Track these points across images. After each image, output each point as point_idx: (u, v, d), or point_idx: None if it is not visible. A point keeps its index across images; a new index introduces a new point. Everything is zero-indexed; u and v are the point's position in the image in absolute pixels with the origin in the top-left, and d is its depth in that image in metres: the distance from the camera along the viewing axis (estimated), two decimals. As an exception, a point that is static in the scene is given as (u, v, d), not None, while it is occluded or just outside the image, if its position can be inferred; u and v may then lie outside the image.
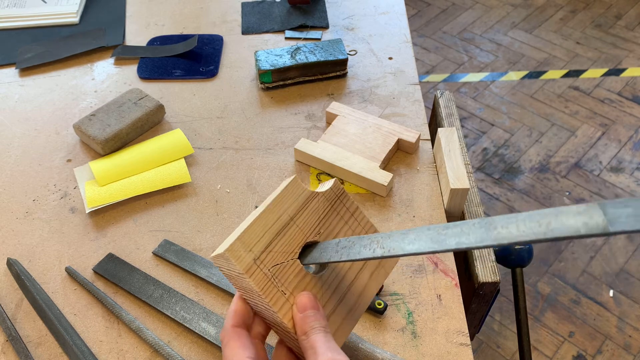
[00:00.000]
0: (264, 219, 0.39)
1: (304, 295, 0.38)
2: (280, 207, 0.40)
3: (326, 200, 0.42)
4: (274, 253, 0.38)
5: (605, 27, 2.33)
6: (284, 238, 0.39)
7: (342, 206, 0.43)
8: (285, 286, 0.38)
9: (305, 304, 0.38)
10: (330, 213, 0.42)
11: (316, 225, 0.41)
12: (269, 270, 0.38)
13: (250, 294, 0.38)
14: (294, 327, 0.37)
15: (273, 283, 0.37)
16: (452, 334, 0.59)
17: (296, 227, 0.40)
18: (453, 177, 0.69)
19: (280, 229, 0.39)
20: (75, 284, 0.65)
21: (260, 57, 0.88)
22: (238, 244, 0.37)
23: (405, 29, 1.01)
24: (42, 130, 0.85)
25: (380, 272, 0.43)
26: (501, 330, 1.44)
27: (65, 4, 1.08)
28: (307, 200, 0.41)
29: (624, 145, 1.86)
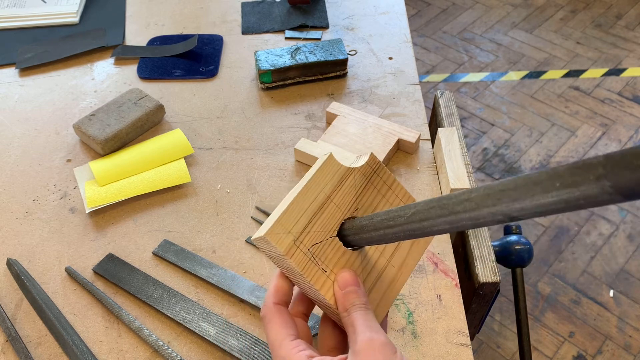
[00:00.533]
0: (301, 200, 0.38)
1: (345, 272, 0.38)
2: (317, 187, 0.39)
3: (362, 175, 0.42)
4: (313, 232, 0.38)
5: (605, 27, 2.33)
6: (322, 217, 0.39)
7: (378, 179, 0.42)
8: (326, 264, 0.38)
9: (346, 280, 0.38)
10: (367, 187, 0.42)
11: (354, 201, 0.41)
12: (309, 250, 0.38)
13: (292, 273, 0.39)
14: (336, 303, 0.38)
15: (313, 262, 0.38)
16: (452, 334, 0.59)
17: (334, 205, 0.40)
18: (453, 177, 0.69)
19: (318, 208, 0.39)
20: (75, 284, 0.65)
21: (260, 57, 0.88)
22: (277, 227, 0.37)
23: (406, 29, 1.01)
24: (42, 130, 0.85)
25: (420, 244, 0.43)
26: (501, 330, 1.44)
27: (65, 3, 1.08)
28: (344, 177, 0.41)
29: (624, 145, 1.86)
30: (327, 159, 0.41)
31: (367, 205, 0.41)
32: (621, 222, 1.65)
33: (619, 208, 1.68)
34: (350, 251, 0.40)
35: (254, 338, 0.59)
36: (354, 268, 0.40)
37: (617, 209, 1.68)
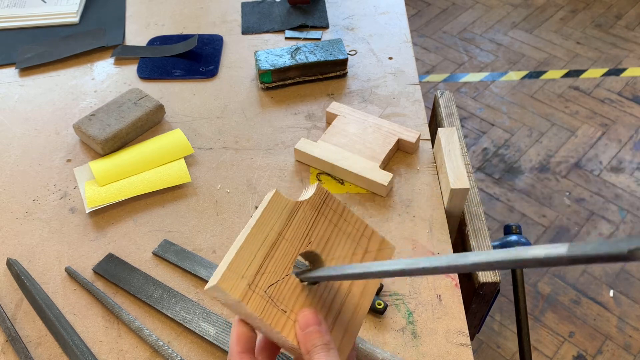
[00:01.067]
0: (251, 242, 0.37)
1: (305, 311, 0.37)
2: (266, 226, 0.38)
3: (312, 207, 0.41)
4: (268, 273, 0.37)
5: (605, 27, 2.33)
6: (275, 256, 0.38)
7: (328, 209, 0.42)
8: (285, 304, 0.37)
9: (307, 320, 0.37)
10: (318, 219, 0.41)
11: (306, 235, 0.40)
12: (265, 292, 0.37)
13: (251, 319, 0.38)
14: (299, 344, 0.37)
15: (272, 304, 0.37)
16: (452, 334, 0.59)
17: (286, 242, 0.39)
18: (453, 177, 0.69)
19: (270, 247, 0.38)
20: (75, 284, 0.65)
21: (260, 57, 0.88)
22: (229, 273, 0.36)
23: (406, 29, 1.01)
24: (42, 130, 0.85)
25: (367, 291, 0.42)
26: (501, 330, 1.44)
27: (65, 3, 1.08)
28: (293, 211, 0.40)
29: (624, 145, 1.86)
30: (273, 196, 0.40)
31: (320, 237, 0.40)
32: (621, 222, 1.65)
33: (619, 208, 1.68)
34: (308, 287, 0.39)
35: (254, 338, 0.59)
36: (315, 304, 0.39)
37: (617, 208, 1.68)
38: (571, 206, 1.69)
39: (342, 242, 0.41)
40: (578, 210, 1.68)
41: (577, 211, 1.68)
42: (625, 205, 1.69)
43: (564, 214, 1.67)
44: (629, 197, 1.71)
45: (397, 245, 0.68)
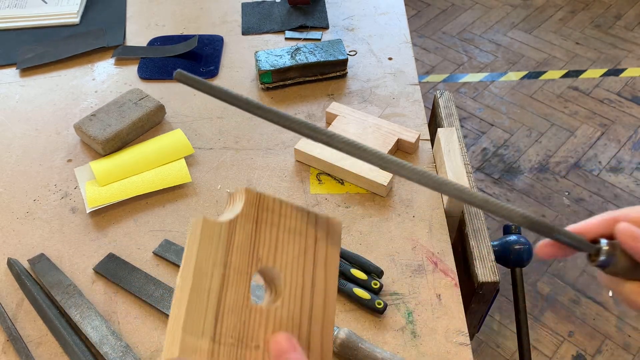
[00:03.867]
0: (197, 291, 0.32)
1: (275, 339, 0.34)
2: (207, 264, 0.33)
3: (247, 218, 0.35)
4: (228, 315, 0.32)
5: (604, 28, 2.33)
6: (229, 293, 0.33)
7: (266, 213, 0.37)
8: (255, 338, 0.33)
9: (279, 348, 0.34)
10: (259, 228, 0.36)
11: (253, 252, 0.35)
12: (232, 337, 0.32)
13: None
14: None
15: (242, 345, 0.33)
16: (452, 334, 0.60)
17: (234, 271, 0.34)
18: (453, 177, 0.69)
19: (220, 286, 0.33)
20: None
21: (261, 58, 0.88)
22: (187, 338, 0.30)
23: (405, 30, 1.01)
24: (42, 130, 0.85)
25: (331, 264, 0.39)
26: (501, 329, 1.44)
27: (65, 4, 1.08)
28: (229, 233, 0.34)
29: (624, 145, 1.86)
30: (202, 227, 0.33)
31: (267, 248, 0.36)
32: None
33: (619, 208, 1.68)
34: (274, 306, 0.35)
35: (254, 337, 0.59)
36: (283, 323, 0.35)
37: (617, 209, 1.68)
38: (570, 206, 1.70)
39: (290, 242, 0.37)
40: (577, 210, 1.68)
41: (576, 211, 1.68)
42: (624, 205, 1.69)
43: (564, 214, 1.68)
44: (628, 197, 1.71)
45: (397, 245, 0.68)
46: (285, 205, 0.38)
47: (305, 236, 0.38)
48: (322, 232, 0.39)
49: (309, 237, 0.38)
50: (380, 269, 0.64)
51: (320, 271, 0.38)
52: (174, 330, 0.31)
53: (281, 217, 0.37)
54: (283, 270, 0.37)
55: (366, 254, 0.67)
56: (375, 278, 0.64)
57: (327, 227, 0.39)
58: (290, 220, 0.38)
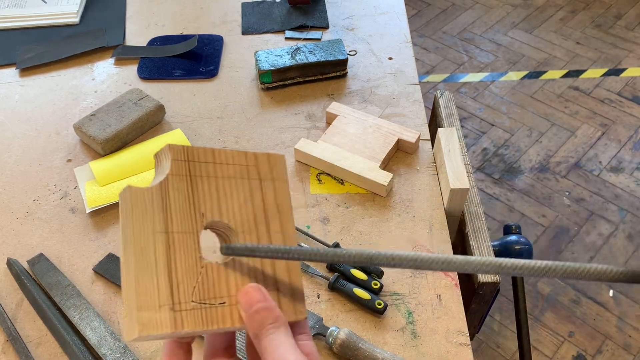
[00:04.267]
0: (142, 264, 0.30)
1: (243, 292, 0.33)
2: (145, 234, 0.31)
3: (179, 176, 0.33)
4: (183, 281, 0.31)
5: (605, 27, 2.33)
6: (177, 258, 0.31)
7: (198, 166, 0.34)
8: (220, 295, 0.32)
9: (249, 299, 0.32)
10: (194, 184, 0.34)
11: (194, 211, 0.33)
12: (193, 301, 0.31)
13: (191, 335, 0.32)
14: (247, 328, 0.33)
15: (207, 306, 0.31)
16: (452, 334, 0.60)
17: (179, 235, 0.32)
18: (453, 177, 0.69)
19: (166, 253, 0.31)
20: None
21: (261, 57, 0.88)
22: (144, 315, 0.29)
23: (405, 29, 1.01)
24: (42, 130, 0.85)
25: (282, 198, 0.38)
26: (501, 330, 1.44)
27: (65, 4, 1.08)
28: (163, 197, 0.32)
29: (624, 145, 1.86)
30: (130, 196, 0.31)
31: (210, 200, 0.34)
32: (621, 222, 1.65)
33: (619, 208, 1.68)
34: (229, 259, 0.34)
35: (254, 338, 0.59)
36: (245, 272, 0.34)
37: (617, 209, 1.68)
38: (571, 206, 1.70)
39: (233, 189, 0.35)
40: (578, 210, 1.68)
41: (576, 211, 1.68)
42: (624, 205, 1.69)
43: (564, 214, 1.68)
44: (628, 197, 1.71)
45: (397, 245, 0.68)
46: (219, 153, 0.35)
47: (248, 179, 0.36)
48: (266, 170, 0.37)
49: (252, 179, 0.36)
50: (381, 269, 0.64)
51: (273, 211, 0.37)
52: (129, 310, 0.29)
53: (217, 166, 0.35)
54: (232, 220, 0.35)
55: (366, 254, 0.67)
56: (376, 278, 0.64)
57: (269, 164, 0.38)
58: (228, 168, 0.35)
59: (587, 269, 0.25)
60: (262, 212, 0.36)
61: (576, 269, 0.25)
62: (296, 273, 0.36)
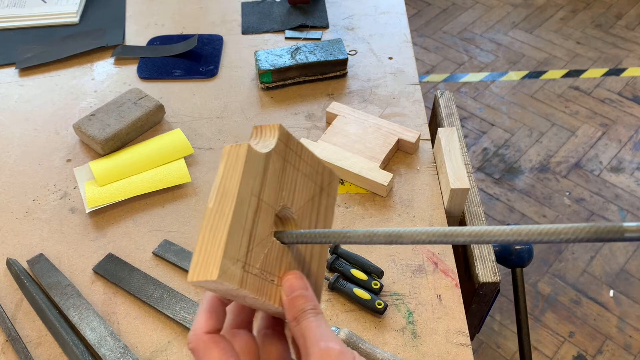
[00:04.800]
0: (237, 217, 0.31)
1: (290, 275, 0.35)
2: (246, 192, 0.32)
3: (278, 155, 0.35)
4: (257, 247, 0.33)
5: (605, 27, 2.33)
6: (259, 225, 0.33)
7: (292, 154, 0.36)
8: (273, 273, 0.34)
9: (292, 285, 0.34)
10: (285, 168, 0.35)
11: (279, 190, 0.35)
12: (257, 268, 0.32)
13: (237, 297, 0.34)
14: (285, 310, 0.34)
15: (264, 278, 0.33)
16: (452, 334, 0.59)
17: (265, 205, 0.33)
18: (453, 177, 0.69)
19: (253, 217, 0.32)
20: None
21: (260, 57, 0.88)
22: (226, 263, 0.30)
23: (406, 29, 1.01)
24: (41, 130, 0.85)
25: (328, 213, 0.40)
26: (501, 330, 1.44)
27: (65, 3, 1.08)
28: (265, 167, 0.34)
29: (625, 145, 1.86)
30: (247, 155, 0.32)
31: (289, 187, 0.36)
32: (621, 222, 1.65)
33: (619, 208, 1.68)
34: (286, 247, 0.35)
35: (254, 338, 0.59)
36: (293, 262, 0.35)
37: (617, 209, 1.68)
38: (571, 206, 1.69)
39: (304, 187, 0.37)
40: (578, 210, 1.68)
41: (577, 211, 1.68)
42: (625, 205, 1.69)
43: (564, 214, 1.67)
44: (629, 197, 1.71)
45: (397, 246, 0.68)
46: (306, 150, 0.37)
47: (314, 183, 0.38)
48: (326, 182, 0.39)
49: (317, 184, 0.38)
50: (381, 270, 0.64)
51: (321, 219, 0.39)
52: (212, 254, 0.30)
53: (300, 160, 0.37)
54: (296, 212, 0.36)
55: (366, 254, 0.67)
56: (376, 278, 0.63)
57: (329, 178, 0.40)
58: (306, 166, 0.37)
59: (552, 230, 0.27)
60: (315, 217, 0.38)
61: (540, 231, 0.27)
62: (322, 273, 0.39)
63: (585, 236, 0.26)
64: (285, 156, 0.35)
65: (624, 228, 0.26)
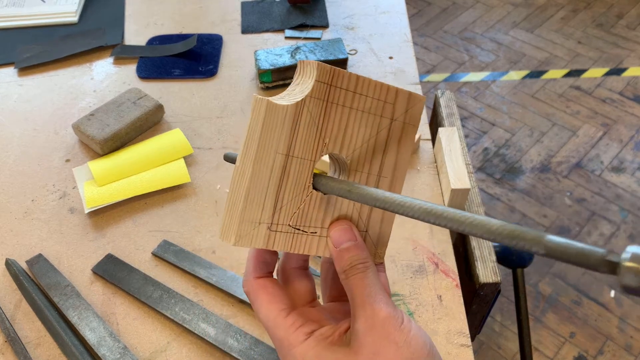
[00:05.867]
0: (257, 179, 0.30)
1: (336, 226, 0.33)
2: (268, 152, 0.30)
3: (317, 99, 0.31)
4: (287, 205, 0.31)
5: (606, 27, 2.33)
6: (289, 183, 0.31)
7: (338, 92, 0.32)
8: (314, 224, 0.32)
9: (339, 236, 0.33)
10: (328, 110, 0.32)
11: (318, 138, 0.32)
12: (289, 225, 0.32)
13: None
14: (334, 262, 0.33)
15: (299, 232, 0.32)
16: (453, 335, 0.59)
17: (297, 160, 0.31)
18: (454, 177, 0.69)
19: (280, 176, 0.31)
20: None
21: (260, 57, 0.88)
22: (244, 227, 0.30)
23: (406, 28, 1.00)
24: (41, 130, 0.84)
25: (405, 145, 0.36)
26: (502, 331, 1.43)
27: (64, 3, 1.07)
28: (295, 118, 0.31)
29: (626, 145, 1.86)
30: (267, 112, 0.30)
31: (335, 132, 0.33)
32: (622, 222, 1.64)
33: (620, 208, 1.68)
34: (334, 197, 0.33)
35: (253, 339, 0.58)
36: (343, 210, 0.34)
37: (618, 209, 1.67)
38: (572, 206, 1.69)
39: (362, 124, 0.34)
40: (579, 211, 1.67)
41: (578, 211, 1.67)
42: (626, 205, 1.69)
43: (565, 214, 1.67)
44: (630, 197, 1.71)
45: (397, 246, 0.67)
46: (362, 82, 0.33)
47: (380, 116, 0.34)
48: (401, 110, 0.35)
49: (385, 116, 0.34)
50: (381, 270, 0.64)
51: (391, 155, 0.35)
52: (231, 217, 0.30)
53: (355, 96, 0.33)
54: (350, 157, 0.34)
55: (366, 254, 0.66)
56: (376, 279, 0.63)
57: (407, 103, 0.35)
58: (365, 100, 0.33)
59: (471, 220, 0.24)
60: (380, 154, 0.35)
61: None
62: (389, 222, 0.36)
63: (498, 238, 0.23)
64: (328, 97, 0.32)
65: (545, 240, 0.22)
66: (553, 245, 0.22)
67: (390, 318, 0.30)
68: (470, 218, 0.24)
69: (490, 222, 0.24)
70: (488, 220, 0.24)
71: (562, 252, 0.21)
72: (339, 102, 0.32)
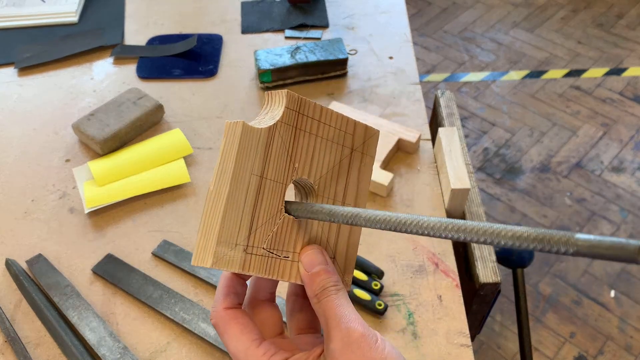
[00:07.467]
0: (233, 202, 0.30)
1: (308, 250, 0.34)
2: (244, 173, 0.31)
3: (287, 125, 0.33)
4: (262, 227, 0.32)
5: (606, 27, 2.32)
6: (263, 204, 0.32)
7: (305, 120, 0.34)
8: (286, 249, 0.33)
9: (311, 260, 0.33)
10: (297, 136, 0.33)
11: (289, 162, 0.33)
12: (264, 249, 0.32)
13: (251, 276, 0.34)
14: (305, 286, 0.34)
15: (273, 256, 0.32)
16: (453, 335, 0.59)
17: (270, 182, 0.32)
18: (454, 177, 0.69)
19: (255, 197, 0.31)
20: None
21: (260, 57, 0.88)
22: (220, 250, 0.30)
23: (406, 28, 1.00)
24: (40, 130, 0.84)
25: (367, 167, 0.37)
26: (502, 331, 1.43)
27: (64, 3, 1.07)
28: (268, 142, 0.32)
29: (626, 145, 1.86)
30: (242, 133, 0.31)
31: (304, 158, 0.34)
32: (622, 222, 1.64)
33: (620, 208, 1.67)
34: (305, 220, 0.34)
35: (253, 339, 0.58)
36: (313, 234, 0.34)
37: (619, 209, 1.67)
38: (572, 206, 1.69)
39: (327, 152, 0.35)
40: (579, 211, 1.67)
41: (578, 211, 1.67)
42: (626, 205, 1.69)
43: (565, 214, 1.67)
44: (630, 197, 1.70)
45: (397, 246, 0.67)
46: (325, 112, 0.35)
47: (342, 145, 0.36)
48: (359, 142, 0.37)
49: (346, 146, 0.36)
50: (381, 270, 0.64)
51: (353, 184, 0.37)
52: (207, 239, 0.30)
53: (320, 125, 0.35)
54: (317, 183, 0.35)
55: (367, 254, 0.66)
56: (376, 279, 0.63)
57: (364, 135, 0.37)
58: (329, 130, 0.35)
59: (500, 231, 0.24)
60: (343, 181, 0.36)
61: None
62: (354, 246, 0.37)
63: (531, 244, 0.23)
64: (297, 124, 0.33)
65: (576, 239, 0.22)
66: (584, 243, 0.21)
67: (364, 337, 0.31)
68: (486, 227, 0.24)
69: (514, 228, 0.24)
70: (511, 227, 0.24)
71: (595, 248, 0.21)
72: (306, 130, 0.34)
